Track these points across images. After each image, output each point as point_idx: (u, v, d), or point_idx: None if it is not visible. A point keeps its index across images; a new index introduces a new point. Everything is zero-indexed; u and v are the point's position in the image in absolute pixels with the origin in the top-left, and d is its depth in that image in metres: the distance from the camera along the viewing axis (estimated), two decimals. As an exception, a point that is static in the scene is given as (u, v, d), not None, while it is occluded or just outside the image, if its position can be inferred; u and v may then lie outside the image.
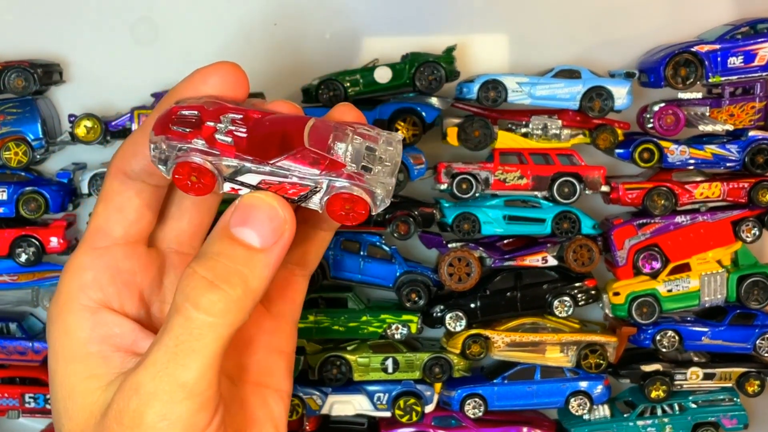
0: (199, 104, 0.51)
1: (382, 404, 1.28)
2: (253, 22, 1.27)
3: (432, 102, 1.23)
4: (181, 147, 0.50)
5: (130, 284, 0.55)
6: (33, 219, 1.24)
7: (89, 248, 0.55)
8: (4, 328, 1.27)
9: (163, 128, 0.50)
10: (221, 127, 0.50)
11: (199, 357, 0.48)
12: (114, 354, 0.53)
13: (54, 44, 1.26)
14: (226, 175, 0.50)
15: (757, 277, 1.27)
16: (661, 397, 1.30)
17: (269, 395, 0.59)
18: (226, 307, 0.48)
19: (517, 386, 1.30)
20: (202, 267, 0.49)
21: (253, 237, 0.49)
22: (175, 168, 0.50)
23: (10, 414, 1.27)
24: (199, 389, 0.48)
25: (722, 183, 1.26)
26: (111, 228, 0.55)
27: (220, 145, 0.49)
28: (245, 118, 0.50)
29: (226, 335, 0.49)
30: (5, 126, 1.21)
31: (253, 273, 0.49)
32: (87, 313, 0.53)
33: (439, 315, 1.27)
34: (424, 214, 1.25)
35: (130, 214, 0.55)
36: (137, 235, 0.55)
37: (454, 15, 1.28)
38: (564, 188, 1.25)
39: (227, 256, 0.49)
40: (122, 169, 0.54)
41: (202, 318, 0.48)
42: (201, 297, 0.48)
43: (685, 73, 1.21)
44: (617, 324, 1.30)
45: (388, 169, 0.50)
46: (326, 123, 0.52)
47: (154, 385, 0.48)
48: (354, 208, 0.50)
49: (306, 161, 0.49)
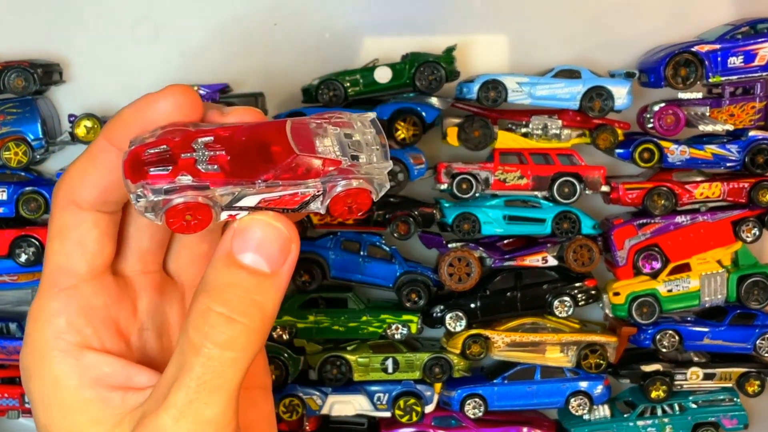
0: (161, 138, 0.47)
1: (382, 404, 1.28)
2: (253, 22, 1.27)
3: (432, 102, 1.23)
4: (167, 189, 0.46)
5: (105, 320, 0.53)
6: (33, 219, 1.24)
7: (54, 291, 0.51)
8: (4, 328, 1.27)
9: (140, 174, 0.46)
10: (199, 156, 0.46)
11: (223, 392, 0.47)
12: (111, 394, 0.51)
13: (54, 44, 1.26)
14: (223, 204, 0.47)
15: (758, 277, 1.27)
16: (661, 397, 1.30)
17: (256, 395, 0.58)
18: (247, 340, 0.47)
19: (517, 386, 1.30)
20: (216, 302, 0.47)
21: (262, 263, 0.47)
22: (167, 213, 0.46)
23: (10, 414, 1.27)
24: (225, 421, 0.47)
25: (722, 183, 1.26)
26: (74, 265, 0.51)
27: (207, 176, 0.46)
28: (216, 139, 0.47)
29: (246, 366, 0.48)
30: (5, 126, 1.21)
31: (268, 299, 0.48)
32: (71, 359, 0.51)
33: (439, 315, 1.27)
34: (424, 214, 1.25)
35: (91, 246, 0.51)
36: (102, 266, 0.53)
37: (454, 15, 1.28)
38: (564, 188, 1.25)
39: (239, 286, 0.47)
40: (72, 201, 0.51)
41: (226, 354, 0.47)
42: (221, 334, 0.47)
43: (686, 73, 1.21)
44: (617, 324, 1.30)
45: (379, 152, 0.49)
46: (301, 122, 0.49)
47: (178, 427, 0.46)
48: (356, 201, 0.48)
49: (303, 168, 0.47)
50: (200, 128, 0.48)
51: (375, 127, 0.50)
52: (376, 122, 0.51)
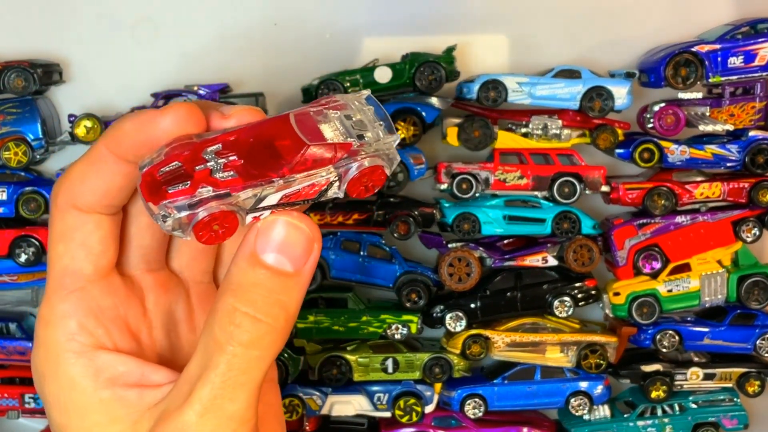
0: (169, 156, 0.47)
1: (382, 404, 1.28)
2: (253, 22, 1.27)
3: (432, 102, 1.23)
4: (190, 204, 0.46)
5: (115, 320, 0.53)
6: (33, 219, 1.24)
7: (63, 293, 0.51)
8: (4, 329, 1.27)
9: (159, 194, 0.46)
10: (213, 165, 0.47)
11: (247, 389, 0.48)
12: (128, 393, 0.51)
13: (54, 44, 1.26)
14: (247, 208, 0.48)
15: (758, 277, 1.27)
16: (661, 397, 1.30)
17: (264, 387, 0.58)
18: (272, 339, 0.48)
19: (517, 386, 1.30)
20: (242, 301, 0.48)
21: (286, 262, 0.48)
22: (195, 227, 0.47)
23: (10, 414, 1.27)
24: (247, 417, 0.48)
25: (722, 183, 1.26)
26: (80, 267, 0.51)
27: (225, 183, 0.47)
28: (224, 145, 0.47)
29: (269, 364, 0.49)
30: (5, 126, 1.21)
31: (291, 298, 0.49)
32: (85, 360, 0.51)
33: (439, 315, 1.27)
34: (424, 214, 1.25)
35: (96, 247, 0.51)
36: (107, 267, 0.53)
37: (454, 15, 1.28)
38: (564, 188, 1.25)
39: (264, 286, 0.48)
40: (72, 204, 0.51)
41: (252, 353, 0.48)
42: (246, 333, 0.48)
43: (686, 73, 1.21)
44: (617, 324, 1.30)
45: (382, 127, 0.49)
46: (303, 112, 0.49)
47: (203, 422, 0.47)
48: (371, 178, 0.49)
49: (316, 157, 0.47)
50: (205, 138, 0.48)
51: (372, 103, 0.50)
52: (372, 98, 0.51)
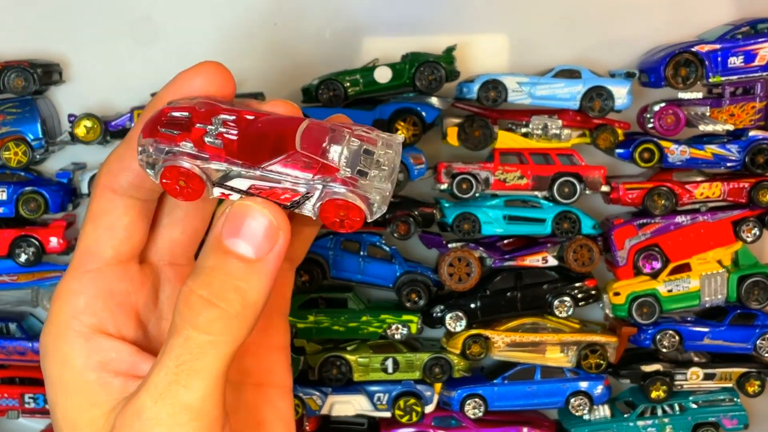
0: (191, 105, 0.49)
1: (382, 404, 1.28)
2: (253, 22, 1.27)
3: (432, 102, 1.23)
4: (168, 150, 0.47)
5: (124, 306, 0.54)
6: (33, 219, 1.24)
7: (80, 272, 0.53)
8: (4, 329, 1.27)
9: (152, 131, 0.48)
10: (211, 129, 0.48)
11: (202, 377, 0.47)
12: (114, 380, 0.51)
13: (54, 44, 1.26)
14: (215, 180, 0.48)
15: (758, 277, 1.27)
16: (661, 397, 1.30)
17: (273, 393, 0.58)
18: (225, 325, 0.47)
19: (517, 386, 1.30)
20: (198, 284, 0.47)
21: (247, 248, 0.47)
22: (163, 172, 0.48)
23: (10, 414, 1.27)
24: (206, 410, 0.47)
25: (722, 183, 1.26)
26: (101, 249, 0.53)
27: (209, 148, 0.47)
28: (238, 119, 0.48)
29: (228, 352, 0.47)
30: (5, 126, 1.21)
31: (251, 286, 0.47)
32: (81, 340, 0.52)
33: (439, 315, 1.27)
34: (424, 214, 1.25)
35: (120, 232, 0.53)
36: (128, 253, 0.54)
37: (454, 15, 1.28)
38: (564, 188, 1.25)
39: (222, 270, 0.47)
40: (109, 186, 0.52)
41: (202, 338, 0.47)
42: (198, 316, 0.47)
43: (686, 73, 1.21)
44: (617, 324, 1.30)
45: (384, 173, 0.48)
46: (322, 125, 0.49)
47: (157, 408, 0.46)
48: (348, 215, 0.48)
49: (297, 165, 0.47)
50: (231, 107, 0.49)
51: (395, 151, 0.50)
52: (399, 146, 0.50)
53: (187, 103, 0.50)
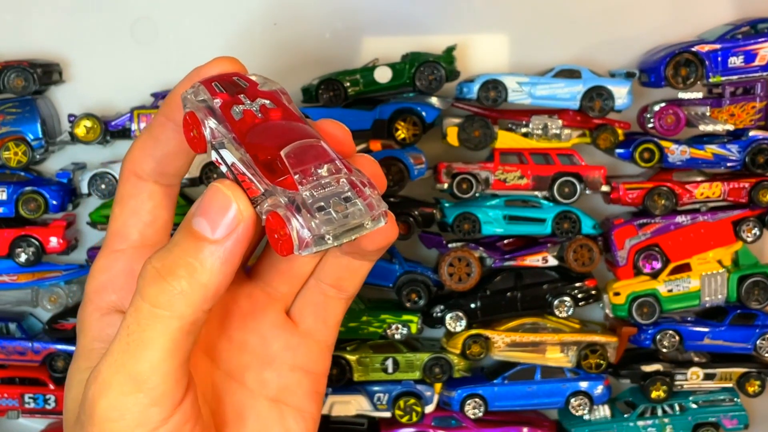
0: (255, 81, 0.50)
1: (382, 404, 1.28)
2: (253, 22, 1.27)
3: (432, 102, 1.23)
4: (200, 100, 0.49)
5: None
6: (33, 219, 1.24)
7: (108, 251, 0.55)
8: (4, 329, 1.27)
9: (210, 81, 0.49)
10: (247, 104, 0.48)
11: (150, 349, 0.47)
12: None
13: (54, 44, 1.26)
14: (215, 143, 0.48)
15: (758, 277, 1.27)
16: (661, 397, 1.29)
17: (288, 413, 0.57)
18: (169, 300, 0.47)
19: (518, 386, 1.30)
20: (156, 257, 0.48)
21: (206, 227, 0.47)
22: (185, 115, 0.49)
23: (10, 414, 1.27)
24: (152, 383, 0.47)
25: (723, 183, 1.26)
26: (128, 231, 0.55)
27: (228, 116, 0.48)
28: (275, 111, 0.48)
29: (174, 328, 0.47)
30: (5, 126, 1.21)
31: (202, 265, 0.47)
32: (98, 314, 0.54)
33: (439, 315, 1.27)
34: (424, 214, 1.25)
35: (145, 216, 0.54)
36: (154, 237, 0.55)
37: (454, 15, 1.28)
38: (564, 188, 1.25)
39: (180, 246, 0.47)
40: (133, 171, 0.54)
41: (147, 308, 0.47)
42: (147, 287, 0.47)
43: (686, 72, 1.21)
44: (617, 324, 1.30)
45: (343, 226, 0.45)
46: (327, 152, 0.47)
47: (110, 375, 0.47)
48: (281, 238, 0.45)
49: (265, 163, 0.46)
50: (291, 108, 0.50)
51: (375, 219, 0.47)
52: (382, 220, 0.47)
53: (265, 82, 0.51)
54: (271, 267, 0.58)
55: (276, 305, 0.58)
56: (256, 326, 0.57)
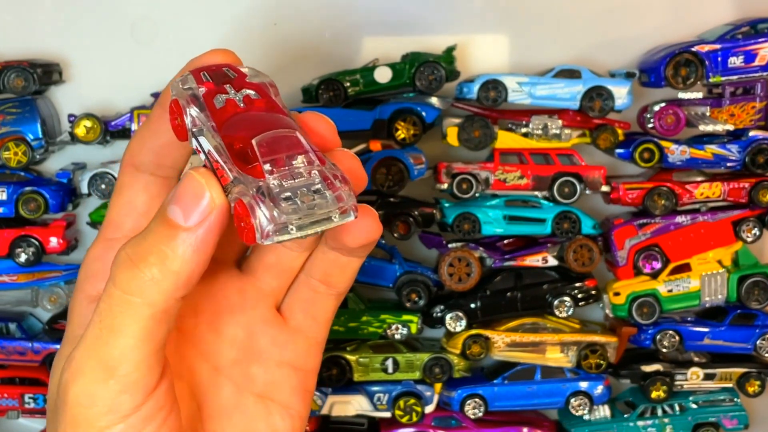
0: (250, 72, 0.52)
1: (382, 404, 1.28)
2: (253, 22, 1.27)
3: (432, 102, 1.23)
4: (190, 87, 0.50)
5: None
6: (32, 219, 1.24)
7: (102, 240, 0.56)
8: (4, 329, 1.27)
9: (198, 71, 0.51)
10: (231, 94, 0.49)
11: (121, 336, 0.47)
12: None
13: (54, 44, 1.26)
14: (194, 131, 0.48)
15: (758, 277, 1.27)
16: (661, 397, 1.29)
17: (275, 409, 0.57)
18: (139, 286, 0.46)
19: (518, 386, 1.30)
20: (130, 243, 0.48)
21: (179, 215, 0.47)
22: (171, 102, 0.50)
23: (10, 414, 1.27)
24: (124, 370, 0.47)
25: (723, 183, 1.26)
26: (122, 221, 0.55)
27: (210, 104, 0.48)
28: (258, 101, 0.48)
29: (145, 315, 0.47)
30: (5, 126, 1.21)
31: (175, 253, 0.46)
32: (86, 302, 0.55)
33: (439, 315, 1.27)
34: (424, 214, 1.25)
35: (140, 206, 0.55)
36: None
37: (454, 15, 1.28)
38: (564, 188, 1.25)
39: (153, 233, 0.47)
40: (131, 163, 0.55)
41: (119, 294, 0.47)
42: (119, 274, 0.47)
43: (686, 73, 1.21)
44: (617, 324, 1.30)
45: (309, 217, 0.44)
46: (302, 145, 0.46)
47: (82, 361, 0.47)
48: (246, 226, 0.45)
49: (238, 152, 0.45)
50: (277, 103, 0.50)
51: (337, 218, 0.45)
52: (349, 217, 0.46)
53: (254, 73, 0.52)
54: (260, 261, 0.58)
55: (266, 300, 0.58)
56: (245, 321, 0.57)
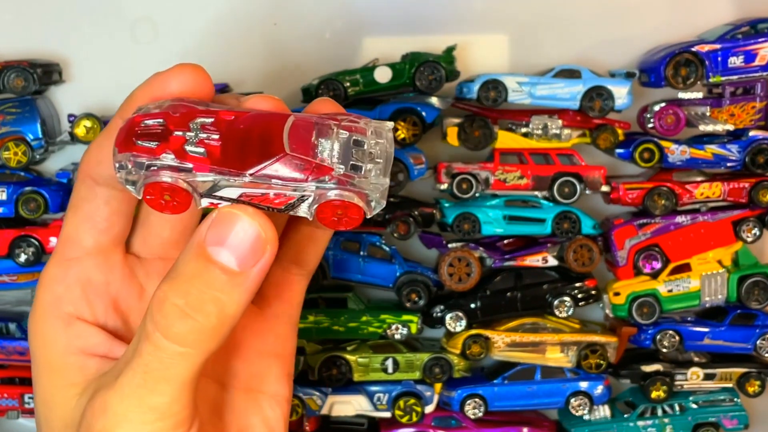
0: (164, 111, 0.46)
1: (382, 405, 1.28)
2: (253, 22, 1.27)
3: (432, 102, 1.23)
4: (149, 164, 0.44)
5: (103, 295, 0.53)
6: (32, 219, 1.24)
7: (61, 259, 0.53)
8: (4, 329, 1.26)
9: (127, 144, 0.45)
10: (191, 137, 0.44)
11: (171, 384, 0.46)
12: (90, 360, 0.51)
13: (54, 44, 1.26)
14: (203, 192, 0.45)
15: (758, 277, 1.27)
16: (661, 397, 1.29)
17: (263, 400, 0.56)
18: (198, 338, 0.45)
19: (518, 386, 1.30)
20: (175, 292, 0.45)
21: (231, 259, 0.45)
22: (145, 189, 0.45)
23: (10, 414, 1.27)
24: (172, 411, 0.46)
25: (723, 183, 1.26)
26: (81, 237, 0.52)
27: (192, 158, 0.44)
28: (217, 121, 0.45)
29: (199, 362, 0.46)
30: (5, 126, 1.21)
31: (230, 299, 0.45)
32: (62, 324, 0.52)
33: (439, 315, 1.27)
34: (424, 214, 1.25)
35: (100, 222, 0.52)
36: (110, 243, 0.53)
37: (454, 15, 1.28)
38: (564, 188, 1.24)
39: (202, 279, 0.45)
40: (89, 175, 0.52)
41: (174, 348, 0.45)
42: (172, 327, 0.45)
43: (686, 72, 1.21)
44: (617, 324, 1.30)
45: (380, 166, 0.45)
46: (307, 119, 0.46)
47: (124, 407, 0.46)
48: (347, 213, 0.45)
49: (289, 168, 0.44)
50: (208, 108, 0.46)
51: (386, 138, 0.46)
52: (391, 133, 0.47)
53: (159, 107, 0.46)
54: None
55: None
56: None
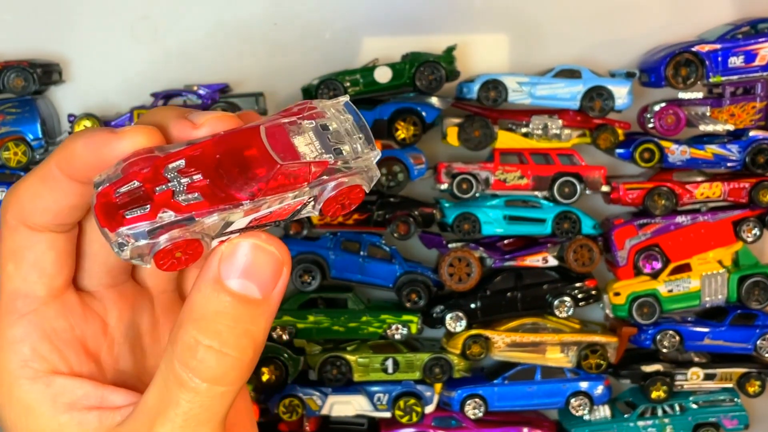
0: (128, 173, 0.43)
1: (382, 405, 1.28)
2: (253, 22, 1.27)
3: (432, 102, 1.23)
4: (150, 230, 0.42)
5: (71, 342, 0.50)
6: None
7: (15, 317, 0.49)
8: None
9: (116, 220, 0.42)
10: (176, 186, 0.42)
11: (210, 425, 0.45)
12: (87, 416, 0.49)
13: (54, 44, 1.26)
14: (215, 233, 0.43)
15: (758, 277, 1.27)
16: (661, 397, 1.29)
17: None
18: (239, 374, 0.44)
19: (518, 387, 1.30)
20: (205, 333, 0.44)
21: (253, 288, 0.44)
22: (156, 256, 0.42)
23: None
24: None
25: (723, 183, 1.26)
26: (32, 289, 0.48)
27: (188, 207, 0.42)
28: (188, 161, 0.42)
29: (235, 396, 0.46)
30: (5, 126, 1.21)
31: (259, 327, 0.45)
32: (40, 386, 0.48)
33: (439, 315, 1.27)
34: (424, 214, 1.24)
35: (49, 268, 0.48)
36: (62, 287, 0.49)
37: (454, 15, 1.28)
38: (564, 188, 1.24)
39: (229, 315, 0.44)
40: (23, 222, 0.47)
41: (215, 390, 0.44)
42: (211, 370, 0.44)
43: (686, 72, 1.21)
44: (618, 324, 1.30)
45: (362, 140, 0.44)
46: (275, 124, 0.44)
47: None
48: (349, 196, 0.44)
49: (290, 178, 0.43)
50: (168, 152, 0.43)
51: (351, 111, 0.45)
52: (350, 106, 0.45)
53: (117, 171, 0.43)
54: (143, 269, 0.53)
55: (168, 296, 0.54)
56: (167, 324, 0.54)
